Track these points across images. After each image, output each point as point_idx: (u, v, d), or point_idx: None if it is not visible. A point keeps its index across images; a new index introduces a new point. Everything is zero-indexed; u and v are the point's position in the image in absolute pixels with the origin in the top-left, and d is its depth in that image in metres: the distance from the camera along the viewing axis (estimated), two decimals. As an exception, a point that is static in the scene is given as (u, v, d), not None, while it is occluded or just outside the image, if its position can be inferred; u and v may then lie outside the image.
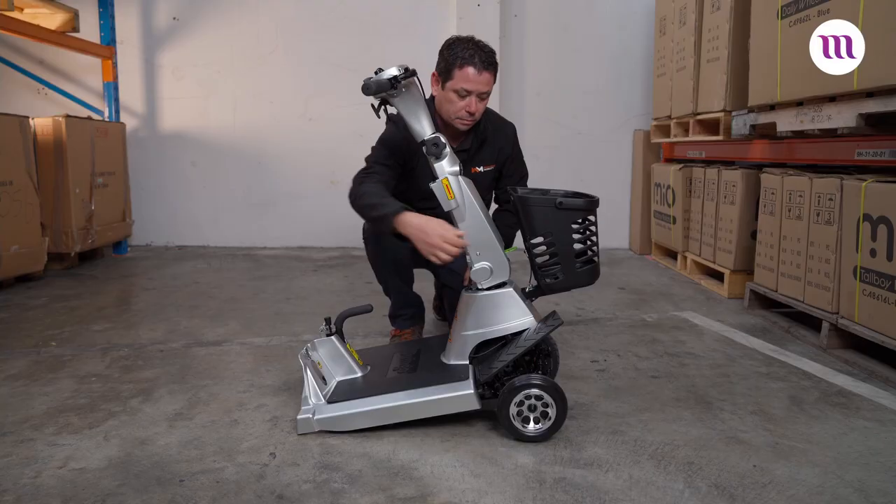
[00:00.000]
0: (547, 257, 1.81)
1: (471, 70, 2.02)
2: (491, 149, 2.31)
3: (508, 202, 2.33)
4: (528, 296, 1.87)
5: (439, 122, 2.17)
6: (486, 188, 2.37)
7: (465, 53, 2.03)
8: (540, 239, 1.79)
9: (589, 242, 1.82)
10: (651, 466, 1.59)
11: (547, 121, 4.88)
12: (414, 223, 1.85)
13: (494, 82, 2.10)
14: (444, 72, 2.08)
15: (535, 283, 1.87)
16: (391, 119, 2.20)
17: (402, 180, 2.30)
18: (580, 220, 1.80)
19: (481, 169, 2.30)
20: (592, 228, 1.82)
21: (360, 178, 2.12)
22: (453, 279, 2.41)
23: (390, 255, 2.29)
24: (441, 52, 2.09)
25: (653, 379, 2.19)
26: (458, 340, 1.86)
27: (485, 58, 2.04)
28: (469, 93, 2.05)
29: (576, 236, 1.79)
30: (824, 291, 2.50)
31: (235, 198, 4.95)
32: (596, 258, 1.84)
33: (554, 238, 1.78)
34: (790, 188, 2.74)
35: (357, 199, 2.04)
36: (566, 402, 1.71)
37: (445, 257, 1.81)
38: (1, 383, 2.11)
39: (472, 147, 2.25)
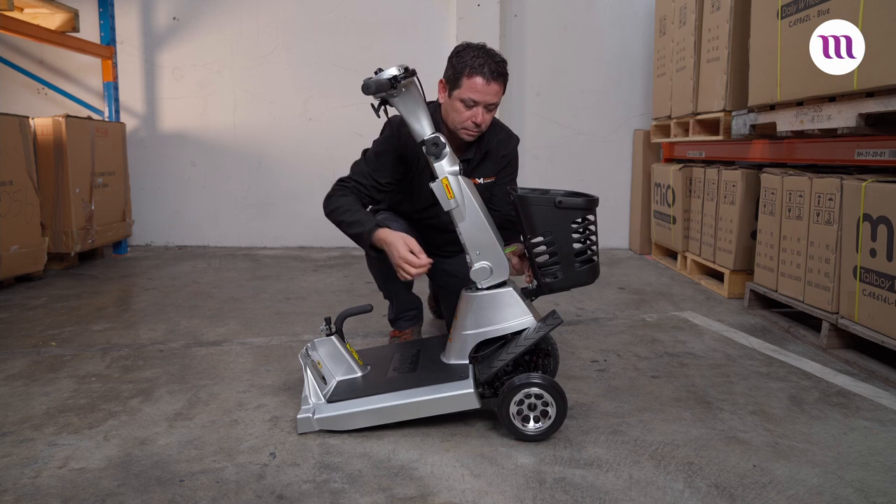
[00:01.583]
0: (547, 257, 1.81)
1: (479, 80, 1.95)
2: (493, 161, 2.26)
3: (499, 210, 2.30)
4: (529, 295, 1.87)
5: (444, 131, 2.11)
6: (486, 199, 2.34)
7: (474, 62, 1.95)
8: (540, 238, 1.79)
9: (588, 242, 1.82)
10: (651, 466, 1.59)
11: (547, 121, 4.88)
12: (385, 240, 1.98)
13: (503, 93, 2.03)
14: (451, 79, 2.00)
15: (535, 282, 1.87)
16: (390, 123, 2.16)
17: (398, 192, 2.27)
18: (580, 220, 1.80)
19: (482, 181, 2.25)
20: (592, 228, 1.82)
21: (336, 189, 2.15)
22: (447, 281, 2.41)
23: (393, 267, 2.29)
24: (450, 59, 2.02)
25: (653, 379, 2.19)
26: (457, 340, 1.86)
27: (495, 68, 1.96)
28: (476, 103, 1.98)
29: (575, 235, 1.80)
30: (824, 291, 2.50)
31: (235, 198, 4.95)
32: (595, 257, 1.84)
33: (554, 237, 1.78)
34: (790, 188, 2.74)
35: (332, 213, 2.10)
36: (566, 401, 1.71)
37: (406, 276, 1.94)
38: (1, 383, 2.11)
39: (474, 158, 2.20)
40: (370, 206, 2.27)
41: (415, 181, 2.21)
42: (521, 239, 1.91)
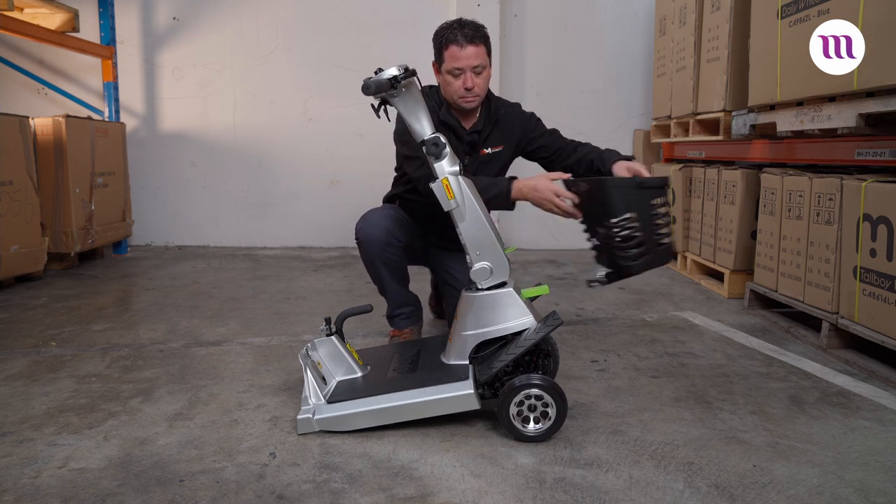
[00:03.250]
0: (629, 238, 1.79)
1: (455, 48, 2.10)
2: (502, 130, 2.34)
3: (562, 150, 2.37)
4: (602, 282, 1.85)
5: (447, 107, 2.25)
6: (494, 171, 2.37)
7: (448, 34, 2.11)
8: (625, 218, 1.77)
9: (664, 222, 1.85)
10: (651, 466, 1.59)
11: (547, 121, 4.79)
12: (526, 185, 2.11)
13: (489, 55, 2.17)
14: (437, 57, 2.19)
15: (605, 269, 1.85)
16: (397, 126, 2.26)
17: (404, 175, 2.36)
18: (658, 200, 1.83)
19: (490, 150, 2.32)
20: (665, 209, 1.86)
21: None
22: (450, 277, 2.41)
23: (383, 256, 2.29)
24: (432, 40, 2.19)
25: (653, 379, 2.19)
26: (457, 340, 1.86)
27: (468, 32, 2.10)
28: (461, 70, 2.12)
29: (655, 215, 1.82)
30: (824, 291, 2.50)
31: (235, 198, 4.95)
32: (668, 238, 1.87)
33: (638, 218, 1.78)
34: (790, 188, 2.74)
35: None
36: (566, 402, 1.71)
37: (557, 208, 2.04)
38: (1, 383, 2.11)
39: (484, 128, 2.29)
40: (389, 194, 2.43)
41: None
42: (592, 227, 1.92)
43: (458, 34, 2.10)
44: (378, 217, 2.28)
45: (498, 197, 2.12)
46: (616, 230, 1.79)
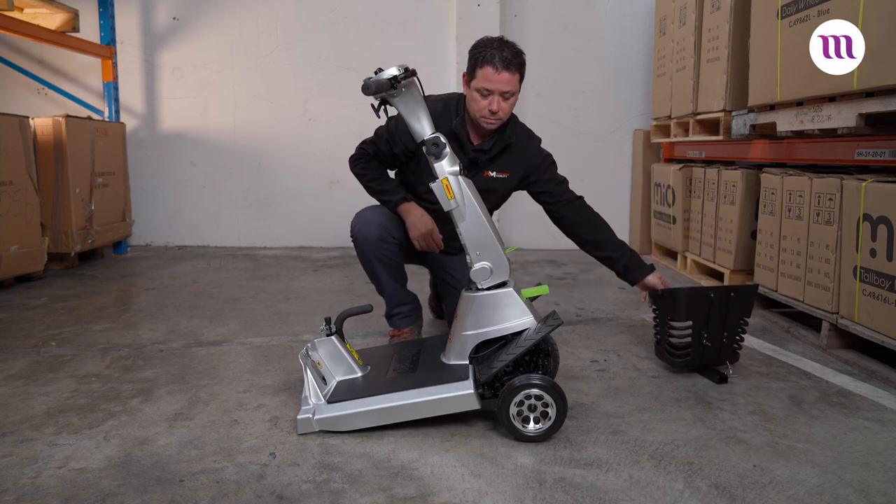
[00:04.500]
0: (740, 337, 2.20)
1: (489, 69, 2.04)
2: (510, 158, 2.30)
3: (566, 204, 2.35)
4: (721, 380, 2.14)
5: (468, 120, 2.23)
6: (497, 197, 2.38)
7: (486, 53, 2.05)
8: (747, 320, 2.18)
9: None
10: (651, 466, 1.59)
11: (547, 121, 4.87)
12: (417, 213, 2.24)
13: (521, 82, 2.12)
14: (469, 71, 2.13)
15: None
16: (389, 119, 2.23)
17: (407, 173, 2.37)
18: None
19: (494, 174, 2.30)
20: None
21: (360, 153, 2.37)
22: (450, 278, 2.41)
23: (378, 252, 2.29)
24: (469, 52, 2.14)
25: (653, 379, 2.19)
26: (457, 340, 1.86)
27: (506, 57, 2.04)
28: (490, 92, 2.07)
29: None
30: (824, 291, 2.50)
31: (235, 198, 4.95)
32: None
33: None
34: (790, 188, 2.74)
35: (361, 176, 2.34)
36: (566, 402, 1.71)
37: (424, 244, 2.23)
38: (1, 383, 2.11)
39: (492, 149, 2.25)
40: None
41: (423, 159, 2.25)
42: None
43: (496, 56, 2.03)
44: (372, 214, 2.29)
45: (385, 204, 2.30)
46: (741, 330, 2.19)
